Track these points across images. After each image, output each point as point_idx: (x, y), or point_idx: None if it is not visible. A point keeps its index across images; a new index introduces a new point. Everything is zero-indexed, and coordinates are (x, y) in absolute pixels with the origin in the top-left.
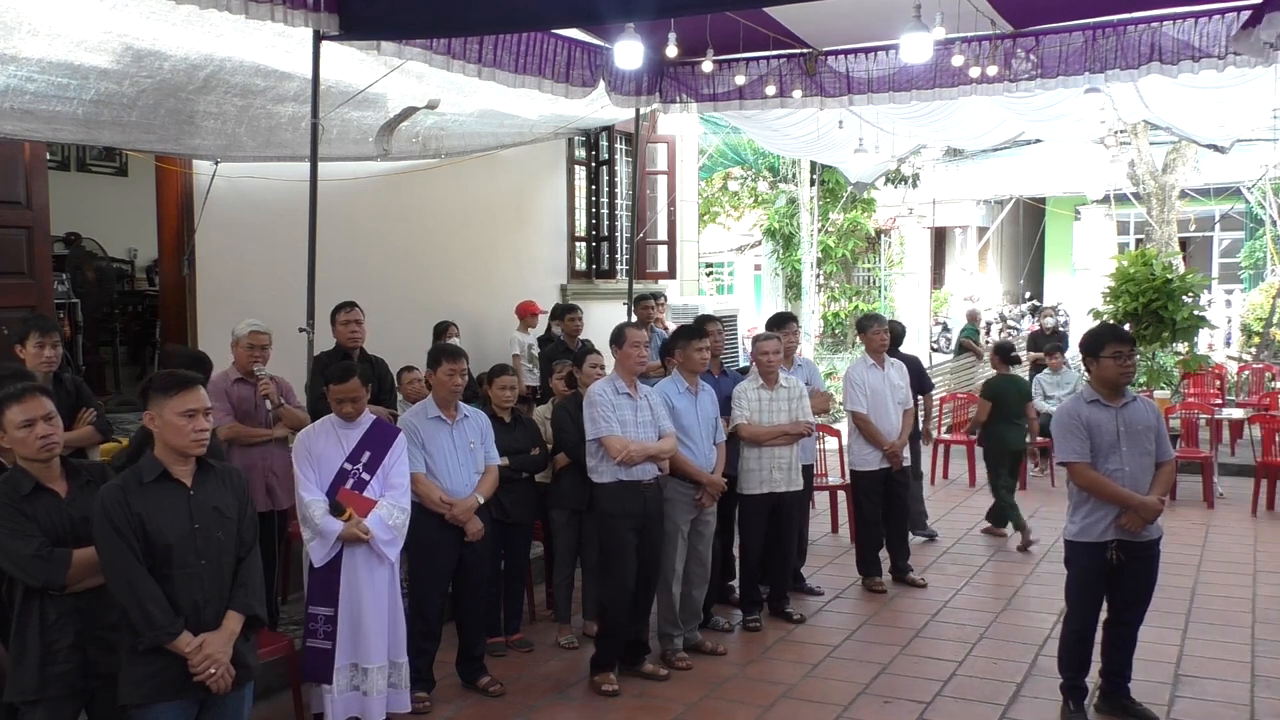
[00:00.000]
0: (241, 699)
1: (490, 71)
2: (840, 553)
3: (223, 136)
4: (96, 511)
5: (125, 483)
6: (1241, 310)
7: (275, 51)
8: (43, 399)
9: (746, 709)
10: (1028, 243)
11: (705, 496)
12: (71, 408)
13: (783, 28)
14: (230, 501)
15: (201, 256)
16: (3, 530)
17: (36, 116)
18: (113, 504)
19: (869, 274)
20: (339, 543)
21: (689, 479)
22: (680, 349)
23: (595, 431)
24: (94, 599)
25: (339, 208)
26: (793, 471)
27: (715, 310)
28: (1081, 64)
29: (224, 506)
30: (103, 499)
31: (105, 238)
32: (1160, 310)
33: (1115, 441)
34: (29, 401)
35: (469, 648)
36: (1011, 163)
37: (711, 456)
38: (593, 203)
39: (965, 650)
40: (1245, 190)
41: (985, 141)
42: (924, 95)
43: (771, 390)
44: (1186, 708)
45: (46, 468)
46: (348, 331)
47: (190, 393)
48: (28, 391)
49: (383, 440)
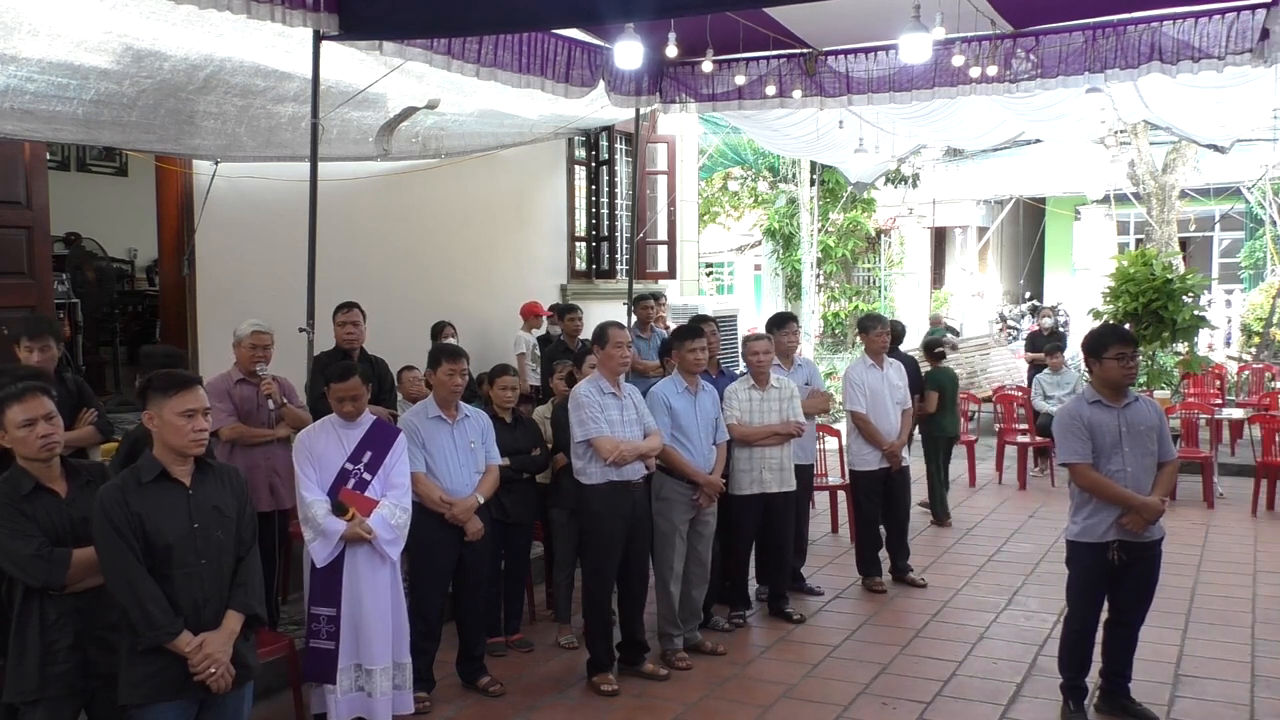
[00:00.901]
0: (241, 699)
1: (490, 71)
2: (840, 553)
3: (223, 136)
4: (96, 511)
5: (124, 483)
6: (1241, 310)
7: (275, 51)
8: (43, 398)
9: (746, 709)
10: (1028, 243)
11: (703, 497)
12: (73, 408)
13: (783, 28)
14: (229, 501)
15: (201, 256)
16: (3, 530)
17: (36, 116)
18: (112, 504)
19: (869, 274)
20: (341, 543)
21: (686, 479)
22: (676, 350)
23: (584, 433)
24: (94, 599)
25: (339, 208)
26: (784, 472)
27: (715, 310)
28: (1081, 64)
29: (223, 506)
30: (102, 499)
31: (105, 238)
32: (1160, 310)
33: (1117, 442)
34: (30, 401)
35: (469, 648)
36: (1011, 163)
37: (710, 457)
38: (593, 203)
39: (965, 650)
40: (1245, 190)
41: (985, 141)
42: (924, 95)
43: (763, 390)
44: (1186, 708)
45: (47, 467)
46: (344, 332)
47: (189, 393)
48: (29, 391)
49: (383, 440)
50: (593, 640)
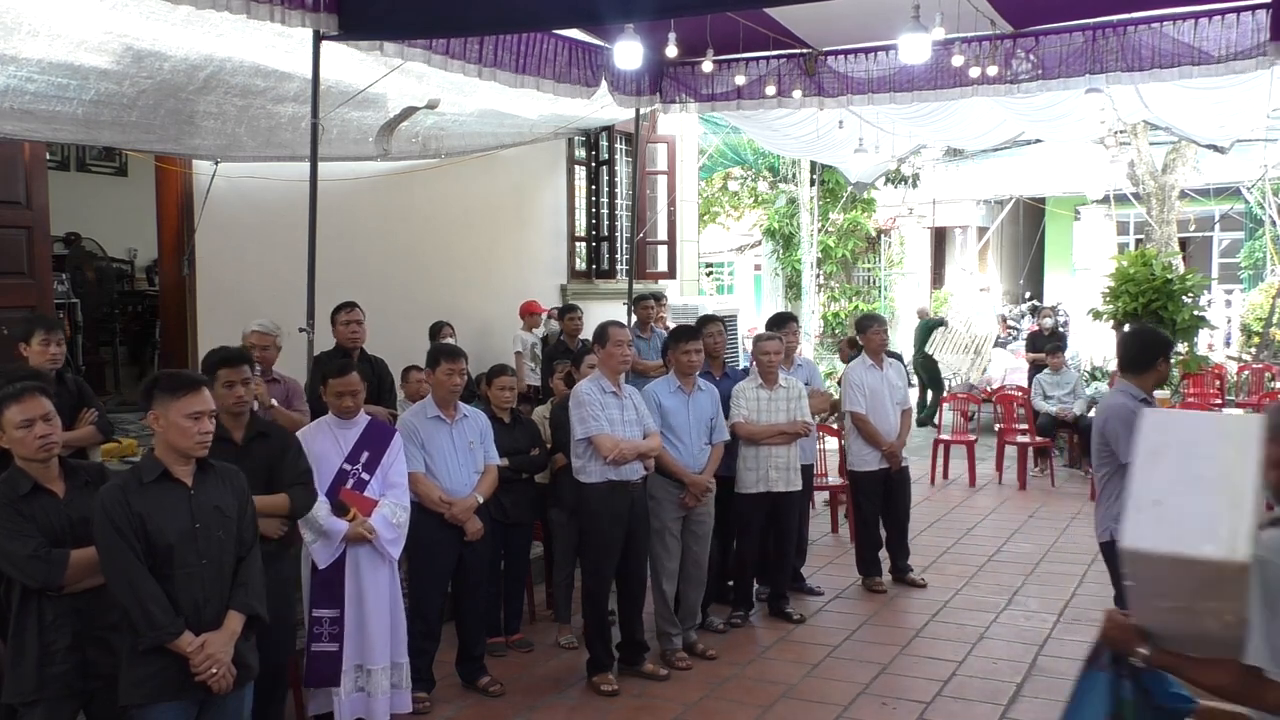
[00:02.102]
0: (241, 699)
1: (490, 71)
2: (840, 553)
3: (223, 136)
4: (97, 511)
5: (125, 483)
6: (1241, 310)
7: (275, 52)
8: (41, 399)
9: (746, 709)
10: (1028, 243)
11: (689, 496)
12: (73, 407)
13: (783, 28)
14: (230, 501)
15: (201, 256)
16: (1, 531)
17: (36, 116)
18: (113, 504)
19: (869, 274)
20: (343, 543)
21: (673, 477)
22: (671, 350)
23: (585, 431)
24: (92, 599)
25: (339, 208)
26: (790, 471)
27: (715, 310)
28: (1081, 64)
29: (224, 506)
30: (103, 499)
31: (105, 238)
32: (1160, 310)
33: None
34: (28, 401)
35: (469, 648)
36: (1011, 163)
37: (702, 457)
38: (593, 203)
39: (965, 650)
40: (1245, 190)
41: (985, 141)
42: (924, 95)
43: (771, 390)
44: None
45: (45, 468)
46: (348, 332)
47: (197, 394)
48: (26, 391)
49: (380, 440)
50: (592, 640)
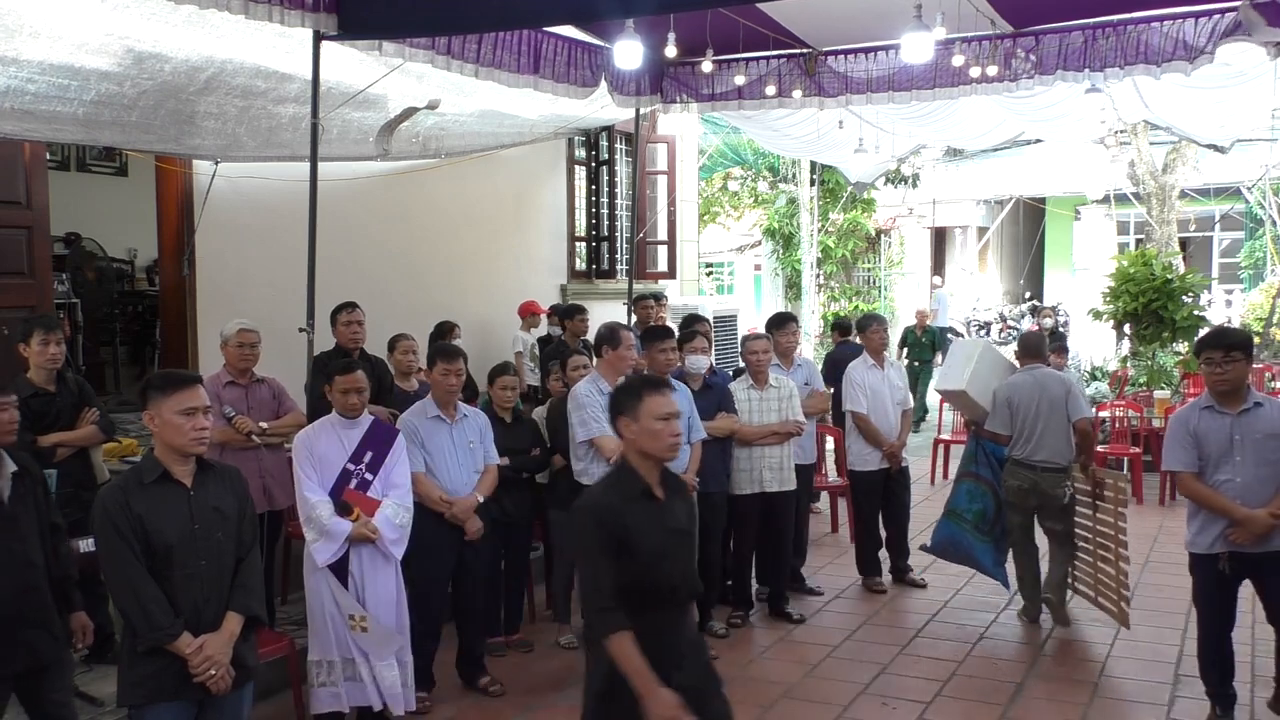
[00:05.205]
0: (241, 699)
1: (490, 71)
2: (840, 553)
3: (223, 137)
4: (97, 512)
5: (125, 483)
6: (1241, 310)
7: (276, 53)
8: (200, 389)
9: (746, 709)
10: (1028, 243)
11: None
12: (74, 407)
13: (783, 28)
14: (230, 502)
15: (201, 256)
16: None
17: (36, 117)
18: (113, 505)
19: (869, 274)
20: (346, 543)
21: None
22: (646, 349)
23: (586, 433)
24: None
25: (339, 208)
26: (784, 471)
27: (715, 310)
28: (1081, 64)
29: (224, 507)
30: (103, 500)
31: (105, 238)
32: (1160, 310)
33: (1227, 450)
34: (189, 391)
35: (469, 647)
36: (1011, 163)
37: (682, 456)
38: (593, 203)
39: (965, 650)
40: (1245, 190)
41: (985, 141)
42: (924, 95)
43: (762, 390)
44: (1187, 707)
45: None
46: (349, 332)
47: (188, 390)
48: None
49: (383, 440)
50: None
